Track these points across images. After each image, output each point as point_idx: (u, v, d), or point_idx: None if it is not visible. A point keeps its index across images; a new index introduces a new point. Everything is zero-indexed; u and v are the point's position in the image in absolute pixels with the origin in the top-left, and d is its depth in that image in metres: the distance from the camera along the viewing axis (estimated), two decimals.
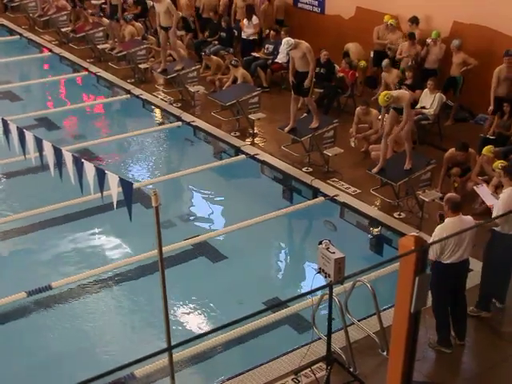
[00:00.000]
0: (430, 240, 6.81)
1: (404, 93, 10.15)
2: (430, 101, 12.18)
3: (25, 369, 7.49)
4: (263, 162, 11.91)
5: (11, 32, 19.66)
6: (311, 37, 15.50)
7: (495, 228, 7.45)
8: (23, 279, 8.83)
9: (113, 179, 6.01)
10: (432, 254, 6.89)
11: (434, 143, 12.09)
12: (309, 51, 11.09)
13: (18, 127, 7.30)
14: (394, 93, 10.06)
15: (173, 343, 5.84)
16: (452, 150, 10.16)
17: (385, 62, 13.21)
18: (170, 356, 5.89)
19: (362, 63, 14.27)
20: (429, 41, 13.21)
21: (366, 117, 11.78)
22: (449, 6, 13.14)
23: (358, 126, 11.80)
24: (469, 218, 7.13)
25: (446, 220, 6.98)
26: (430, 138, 12.24)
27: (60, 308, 8.51)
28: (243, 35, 16.36)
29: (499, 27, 12.47)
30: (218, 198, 11.42)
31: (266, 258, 9.89)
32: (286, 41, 11.03)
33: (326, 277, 6.39)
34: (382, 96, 9.75)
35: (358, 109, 11.92)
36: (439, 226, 7.00)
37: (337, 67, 14.04)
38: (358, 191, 10.62)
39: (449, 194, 7.40)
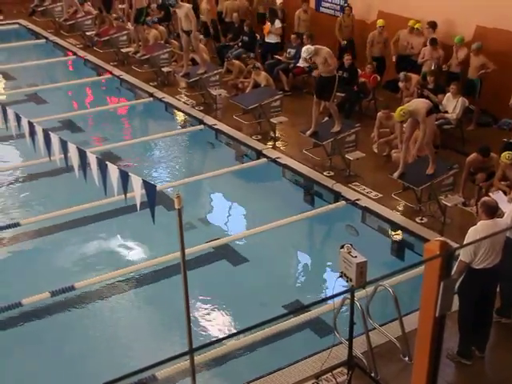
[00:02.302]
0: (464, 242, 6.71)
1: (420, 106, 9.97)
2: (452, 105, 12.12)
3: (48, 368, 7.56)
4: (285, 166, 11.92)
5: (37, 36, 19.89)
6: (333, 41, 15.56)
7: (508, 235, 7.31)
8: (47, 279, 8.93)
9: (136, 181, 6.07)
10: (466, 257, 6.72)
11: (456, 148, 12.02)
12: (330, 56, 11.11)
13: (43, 129, 7.41)
14: (411, 106, 9.97)
15: (194, 346, 5.88)
16: (474, 155, 10.09)
17: (401, 75, 13.17)
18: (192, 358, 5.92)
19: None
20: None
21: (387, 121, 11.74)
22: (472, 11, 13.08)
23: (380, 131, 11.78)
24: (503, 221, 7.03)
25: (480, 223, 6.81)
26: (452, 143, 12.17)
27: (83, 308, 8.59)
28: (266, 39, 16.41)
29: None
30: (240, 201, 11.46)
31: (286, 262, 9.90)
32: (306, 49, 11.07)
33: (347, 281, 6.39)
34: (398, 111, 9.76)
35: (379, 113, 11.89)
36: (472, 228, 6.82)
37: (359, 71, 14.03)
38: (380, 195, 10.59)
39: (485, 198, 7.28)
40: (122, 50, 17.16)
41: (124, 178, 6.25)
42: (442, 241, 3.81)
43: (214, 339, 7.50)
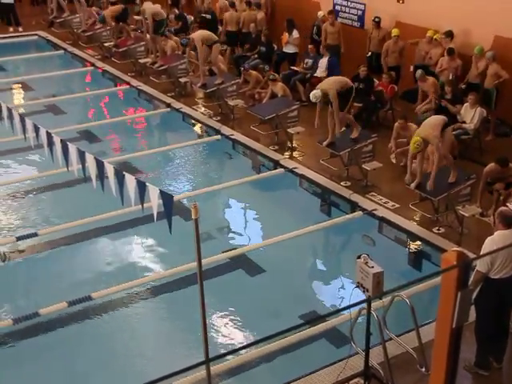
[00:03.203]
0: (480, 252, 6.67)
1: (430, 132, 9.83)
2: (470, 115, 12.07)
3: (65, 377, 7.61)
4: (302, 176, 11.93)
5: (56, 47, 20.11)
6: (351, 51, 15.59)
7: None
8: (64, 289, 8.99)
9: (153, 192, 6.11)
10: (483, 267, 6.67)
11: (474, 158, 11.95)
12: (340, 86, 11.33)
13: (61, 140, 7.48)
14: (422, 133, 9.90)
15: (210, 355, 5.89)
16: (492, 165, 10.03)
17: (418, 72, 13.14)
18: (208, 368, 5.93)
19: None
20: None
21: (404, 131, 11.70)
22: (490, 20, 13.04)
23: (397, 141, 11.74)
24: None
25: (497, 233, 6.76)
26: (469, 153, 12.11)
27: (99, 319, 8.62)
28: (284, 49, 16.46)
29: None
30: (257, 211, 11.47)
31: (303, 272, 9.88)
32: (313, 95, 11.21)
33: (364, 291, 6.37)
34: (413, 144, 9.74)
35: (396, 124, 11.85)
36: (489, 238, 6.77)
37: (376, 82, 14.03)
38: (397, 206, 10.56)
39: (502, 208, 7.25)
40: (139, 60, 17.31)
41: (141, 188, 6.30)
42: (459, 251, 3.79)
43: (230, 350, 7.48)
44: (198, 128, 14.66)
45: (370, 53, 15.34)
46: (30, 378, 7.59)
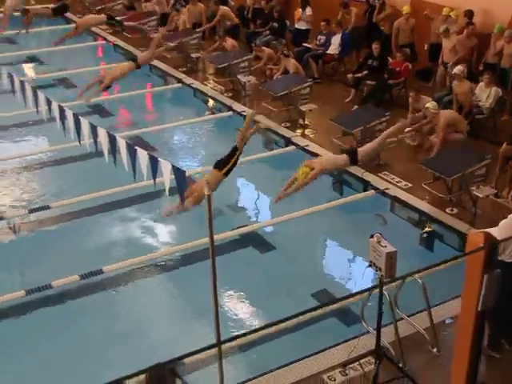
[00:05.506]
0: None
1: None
2: (485, 95, 11.92)
3: (78, 350, 7.61)
4: (313, 154, 11.83)
5: (67, 20, 19.95)
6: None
7: None
8: (76, 263, 8.99)
9: (166, 166, 6.05)
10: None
11: (489, 138, 11.82)
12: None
13: (74, 114, 7.42)
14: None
15: (221, 333, 5.85)
16: (507, 145, 9.93)
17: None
18: (220, 350, 5.86)
19: None
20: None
21: (417, 103, 11.58)
22: None
23: (413, 116, 11.59)
24: None
25: (511, 216, 6.67)
26: (484, 133, 11.98)
27: (110, 293, 8.65)
28: (296, 25, 16.28)
29: None
30: (268, 189, 11.39)
31: (314, 250, 9.85)
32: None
33: (376, 271, 6.31)
34: (300, 174, 9.10)
35: (410, 97, 11.74)
36: (503, 221, 6.68)
37: (389, 60, 13.87)
38: (410, 185, 10.48)
39: None
40: (151, 35, 17.15)
41: (153, 163, 6.24)
42: (486, 232, 3.70)
43: (242, 332, 7.38)
44: (209, 104, 14.55)
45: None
46: (41, 350, 7.60)
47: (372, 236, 6.43)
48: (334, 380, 6.69)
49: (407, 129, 11.41)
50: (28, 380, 7.27)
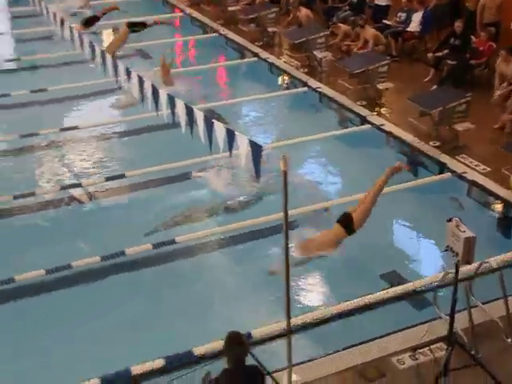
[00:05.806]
0: None
1: None
2: None
3: (137, 320, 7.69)
4: (389, 133, 11.61)
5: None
6: None
7: None
8: (146, 232, 9.15)
9: (242, 140, 6.04)
10: None
11: None
12: None
13: (152, 84, 7.50)
14: None
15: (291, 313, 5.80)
16: None
17: None
18: (289, 339, 5.81)
19: None
20: None
21: (506, 66, 11.18)
22: None
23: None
24: None
25: None
26: None
27: (178, 264, 8.72)
28: (375, 1, 15.93)
29: None
30: (341, 167, 11.27)
31: (386, 231, 9.68)
32: None
33: (454, 256, 6.14)
34: None
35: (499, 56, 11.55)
36: None
37: (473, 39, 13.41)
38: (488, 169, 10.15)
39: None
40: (228, 8, 17.15)
41: (230, 136, 6.24)
42: None
43: (313, 322, 7.31)
44: (284, 79, 14.43)
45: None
46: (103, 319, 7.74)
47: (450, 220, 6.25)
48: (403, 363, 6.58)
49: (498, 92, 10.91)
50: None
